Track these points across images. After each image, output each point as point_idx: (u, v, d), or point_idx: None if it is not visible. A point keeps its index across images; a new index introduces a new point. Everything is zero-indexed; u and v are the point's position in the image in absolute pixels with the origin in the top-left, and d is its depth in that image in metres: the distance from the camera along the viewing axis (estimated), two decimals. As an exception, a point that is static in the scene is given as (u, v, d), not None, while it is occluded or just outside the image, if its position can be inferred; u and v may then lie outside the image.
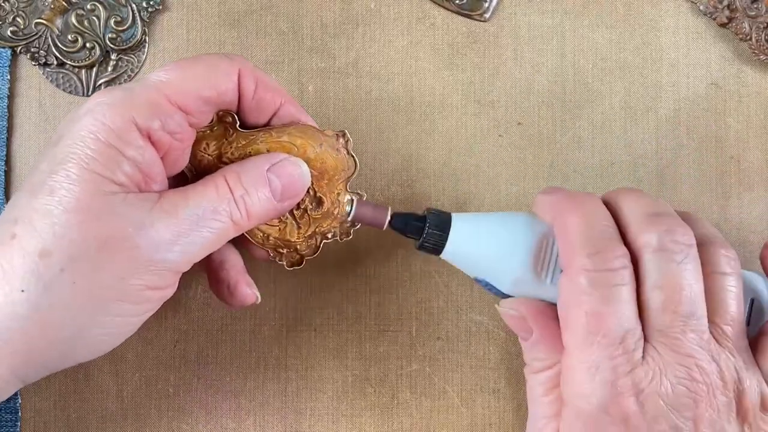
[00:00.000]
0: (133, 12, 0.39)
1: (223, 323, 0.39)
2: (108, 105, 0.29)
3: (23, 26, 0.39)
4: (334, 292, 0.39)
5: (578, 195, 0.33)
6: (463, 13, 0.40)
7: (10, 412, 0.38)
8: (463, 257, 0.33)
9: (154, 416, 0.39)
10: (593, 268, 0.30)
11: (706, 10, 0.40)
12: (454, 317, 0.39)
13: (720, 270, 0.31)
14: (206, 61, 0.32)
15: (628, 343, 0.29)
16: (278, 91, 0.33)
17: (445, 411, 0.39)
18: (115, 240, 0.28)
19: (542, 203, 0.33)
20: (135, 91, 0.30)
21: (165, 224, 0.29)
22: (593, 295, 0.30)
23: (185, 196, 0.30)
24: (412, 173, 0.40)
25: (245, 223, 0.31)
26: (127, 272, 0.29)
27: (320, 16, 0.40)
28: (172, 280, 0.31)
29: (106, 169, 0.29)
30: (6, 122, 0.39)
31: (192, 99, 0.31)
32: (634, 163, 0.40)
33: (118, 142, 0.29)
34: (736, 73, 0.40)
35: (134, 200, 0.29)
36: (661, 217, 0.31)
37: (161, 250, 0.29)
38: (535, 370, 0.34)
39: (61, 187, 0.28)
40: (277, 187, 0.32)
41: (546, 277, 0.32)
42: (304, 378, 0.39)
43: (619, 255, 0.30)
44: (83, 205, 0.28)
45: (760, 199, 0.40)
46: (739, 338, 0.31)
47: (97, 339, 0.30)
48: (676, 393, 0.29)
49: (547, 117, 0.40)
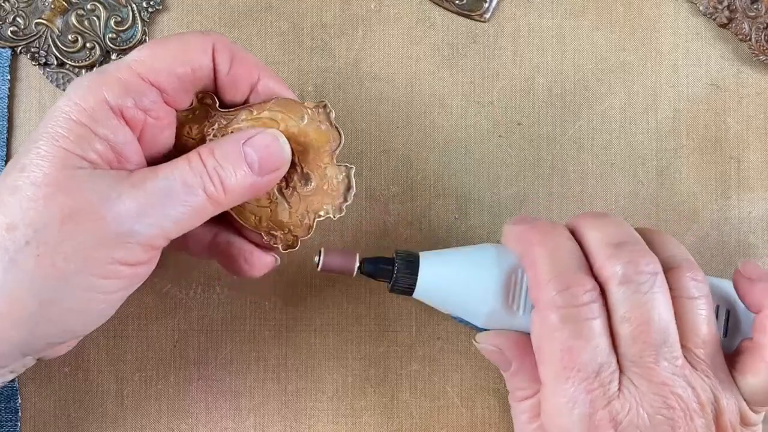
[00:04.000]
0: (133, 12, 0.39)
1: (223, 323, 0.39)
2: (83, 86, 0.30)
3: (23, 26, 0.39)
4: (334, 292, 0.39)
5: (544, 226, 0.33)
6: (463, 13, 0.40)
7: (11, 412, 0.38)
8: (434, 296, 0.34)
9: (153, 416, 0.39)
10: (563, 304, 0.30)
11: (705, 10, 0.40)
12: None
13: (688, 295, 0.31)
14: (179, 38, 0.32)
15: (603, 376, 0.30)
16: (255, 65, 0.33)
17: (444, 411, 0.39)
18: (80, 212, 0.28)
19: (509, 235, 0.33)
20: (108, 70, 0.30)
21: (132, 196, 0.29)
22: (565, 331, 0.30)
23: (156, 170, 0.30)
24: (412, 173, 0.40)
25: (222, 197, 0.31)
26: (92, 244, 0.28)
27: (320, 16, 0.40)
28: (144, 255, 0.30)
29: (76, 146, 0.29)
30: (6, 122, 0.39)
31: (165, 76, 0.31)
32: (633, 163, 0.40)
33: (89, 120, 0.29)
34: (736, 73, 0.40)
35: (104, 175, 0.29)
36: (624, 246, 0.31)
37: (127, 222, 0.29)
38: (518, 399, 0.34)
39: (31, 163, 0.29)
40: (254, 160, 0.31)
41: (518, 308, 0.33)
42: (303, 378, 0.39)
43: (588, 289, 0.30)
44: (50, 180, 0.28)
45: (759, 200, 0.40)
46: (714, 358, 0.31)
47: (65, 316, 0.29)
48: (654, 423, 0.29)
49: (547, 117, 0.40)
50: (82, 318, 0.30)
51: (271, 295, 0.39)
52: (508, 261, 0.33)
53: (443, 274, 0.33)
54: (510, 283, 0.33)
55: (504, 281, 0.32)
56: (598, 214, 0.33)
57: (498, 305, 0.32)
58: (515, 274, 0.33)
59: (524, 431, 0.34)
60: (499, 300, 0.32)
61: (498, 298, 0.32)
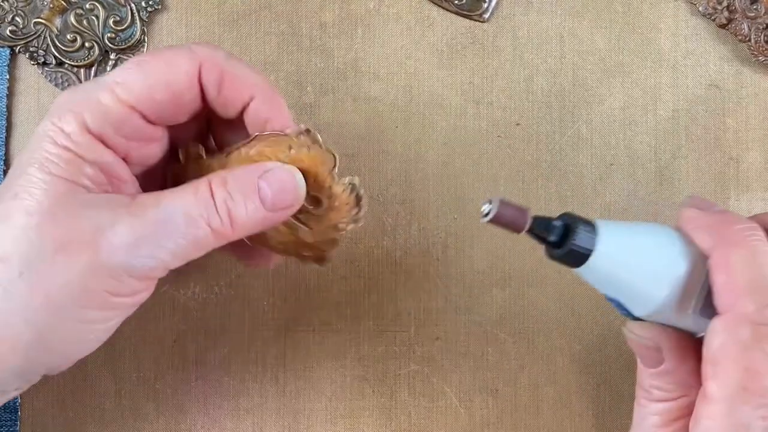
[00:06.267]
0: (132, 12, 0.39)
1: (221, 323, 0.39)
2: (65, 109, 0.29)
3: (22, 25, 0.39)
4: (333, 292, 0.39)
5: (741, 224, 0.29)
6: (462, 13, 0.40)
7: (9, 412, 0.38)
8: (602, 274, 0.29)
9: (152, 416, 0.39)
10: (761, 321, 0.27)
11: (705, 11, 0.40)
12: (452, 318, 0.39)
13: None
14: (164, 59, 0.30)
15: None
16: (248, 84, 0.31)
17: (443, 411, 0.39)
18: (73, 242, 0.27)
19: (695, 222, 0.30)
20: (90, 93, 0.29)
21: (127, 226, 0.28)
22: (756, 351, 0.27)
23: (158, 198, 0.29)
24: (411, 174, 0.40)
25: (228, 231, 0.29)
26: (85, 276, 0.28)
27: (319, 16, 0.40)
28: (139, 286, 0.29)
29: (67, 172, 0.28)
30: (5, 121, 0.39)
31: (146, 102, 0.29)
32: (632, 164, 0.40)
33: (74, 146, 0.28)
34: (735, 74, 0.40)
35: (100, 201, 0.28)
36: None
37: (120, 254, 0.28)
38: (655, 398, 0.31)
39: (24, 191, 0.28)
40: (267, 196, 0.30)
41: (689, 307, 0.29)
42: (302, 378, 0.39)
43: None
44: (43, 208, 0.28)
45: (758, 200, 0.40)
46: None
47: (62, 345, 0.29)
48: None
49: (546, 118, 0.40)
50: (79, 346, 0.30)
51: (269, 295, 0.39)
52: (693, 252, 0.29)
53: (623, 250, 0.29)
54: (692, 277, 0.29)
55: (687, 273, 0.29)
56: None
57: (673, 298, 0.29)
58: (698, 268, 0.29)
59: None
60: (676, 292, 0.29)
61: (676, 290, 0.29)
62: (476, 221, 0.39)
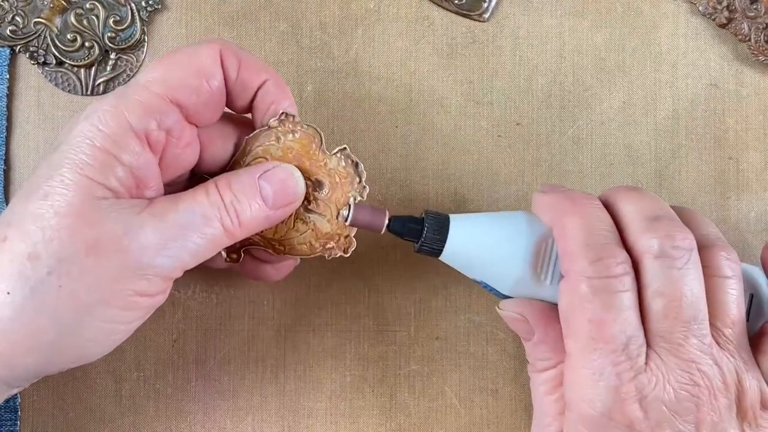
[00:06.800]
0: (133, 11, 0.39)
1: (221, 323, 0.39)
2: (103, 111, 0.29)
3: (22, 25, 0.39)
4: (333, 292, 0.39)
5: (577, 196, 0.32)
6: (462, 13, 0.40)
7: (10, 411, 0.38)
8: (462, 259, 0.33)
9: (152, 415, 0.39)
10: (594, 274, 0.30)
11: (705, 10, 0.40)
12: (452, 317, 0.39)
13: (721, 274, 0.31)
14: (186, 51, 0.32)
15: (631, 349, 0.29)
16: (261, 68, 0.33)
17: (443, 411, 0.39)
18: (103, 244, 0.28)
19: (540, 203, 0.33)
20: (127, 94, 0.30)
21: (153, 229, 0.29)
22: (595, 302, 0.30)
23: (175, 202, 0.30)
24: (411, 173, 0.40)
25: (237, 230, 0.31)
26: (115, 276, 0.29)
27: (319, 16, 0.40)
28: (162, 286, 0.30)
29: (100, 174, 0.29)
30: (5, 121, 0.39)
31: (181, 90, 0.31)
32: (632, 163, 0.40)
33: (113, 147, 0.29)
34: (735, 73, 0.40)
35: (124, 205, 0.29)
36: (661, 220, 0.31)
37: (149, 254, 0.29)
38: (539, 369, 0.34)
39: (55, 192, 0.28)
40: (269, 195, 0.32)
41: (546, 278, 0.32)
42: (302, 378, 0.39)
43: (620, 261, 0.30)
44: (74, 210, 0.28)
45: (758, 200, 0.40)
46: (740, 339, 0.31)
47: (82, 345, 0.30)
48: (679, 398, 0.29)
49: (545, 117, 0.40)
50: (98, 347, 0.31)
51: (269, 295, 0.39)
52: (539, 229, 0.32)
53: (472, 237, 0.33)
54: (539, 252, 0.32)
55: (533, 249, 0.32)
56: (632, 187, 0.33)
57: (526, 273, 0.32)
58: (545, 242, 0.32)
59: (543, 403, 0.33)
60: (528, 267, 0.32)
61: (526, 266, 0.32)
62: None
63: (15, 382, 0.30)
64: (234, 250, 0.34)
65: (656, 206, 0.32)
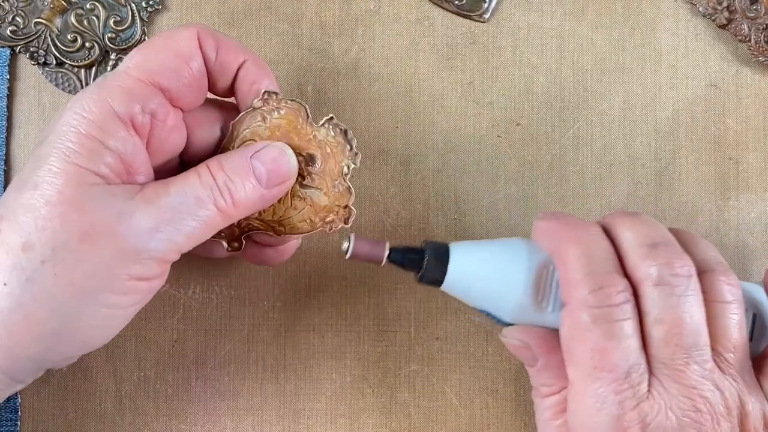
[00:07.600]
0: (133, 12, 0.39)
1: (221, 323, 0.39)
2: (86, 99, 0.30)
3: (22, 26, 0.39)
4: (333, 292, 0.39)
5: (577, 224, 0.32)
6: (462, 13, 0.40)
7: (10, 411, 0.38)
8: (463, 288, 0.33)
9: (152, 416, 0.39)
10: (595, 304, 0.30)
11: (705, 11, 0.40)
12: (452, 318, 0.39)
13: (722, 299, 0.31)
14: (164, 35, 0.32)
15: (633, 377, 0.29)
16: (240, 49, 0.33)
17: (443, 411, 0.39)
18: (96, 230, 0.28)
19: (540, 231, 0.33)
20: (108, 81, 0.30)
21: (146, 213, 0.29)
22: (596, 331, 0.30)
23: (167, 185, 0.30)
24: (411, 174, 0.40)
25: (232, 211, 0.31)
26: (110, 262, 0.29)
27: (320, 16, 0.40)
28: (158, 269, 0.30)
29: (88, 161, 0.29)
30: (5, 122, 0.39)
31: (162, 73, 0.31)
32: (632, 164, 0.40)
33: (99, 133, 0.29)
34: (735, 74, 0.40)
35: (116, 191, 0.29)
36: (659, 248, 0.31)
37: (143, 238, 0.29)
38: (543, 395, 0.34)
39: (44, 181, 0.28)
40: (262, 173, 0.32)
41: (547, 305, 0.32)
42: (302, 378, 0.39)
43: (620, 289, 0.30)
44: (65, 197, 0.28)
45: (758, 201, 0.40)
46: (742, 362, 0.31)
47: (83, 332, 0.30)
48: (681, 424, 0.29)
49: (545, 118, 0.40)
50: (100, 333, 0.31)
51: (269, 295, 0.39)
52: (539, 257, 0.32)
53: (473, 266, 0.33)
54: (540, 279, 0.32)
55: (534, 277, 0.32)
56: (631, 213, 0.33)
57: (527, 301, 0.32)
58: (546, 270, 0.32)
59: (547, 428, 0.34)
60: (529, 295, 0.32)
61: (527, 294, 0.32)
62: (477, 221, 0.40)
63: (19, 375, 0.30)
64: (235, 238, 0.34)
65: (654, 232, 0.32)
